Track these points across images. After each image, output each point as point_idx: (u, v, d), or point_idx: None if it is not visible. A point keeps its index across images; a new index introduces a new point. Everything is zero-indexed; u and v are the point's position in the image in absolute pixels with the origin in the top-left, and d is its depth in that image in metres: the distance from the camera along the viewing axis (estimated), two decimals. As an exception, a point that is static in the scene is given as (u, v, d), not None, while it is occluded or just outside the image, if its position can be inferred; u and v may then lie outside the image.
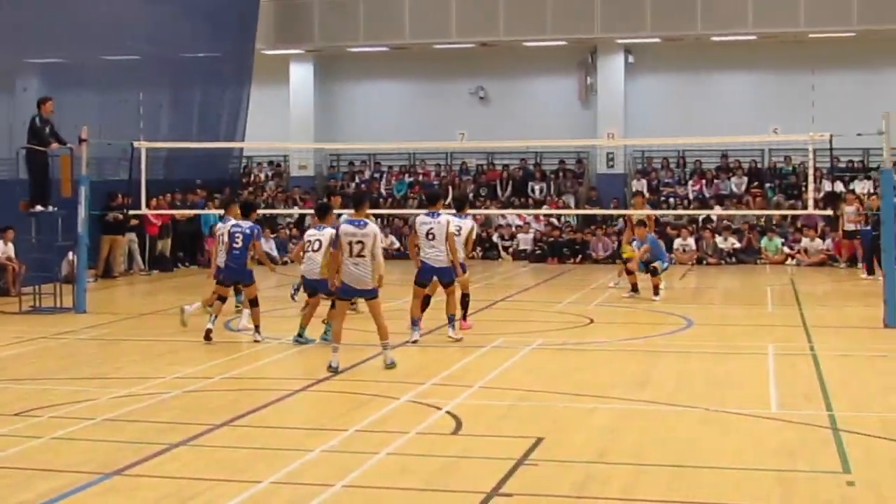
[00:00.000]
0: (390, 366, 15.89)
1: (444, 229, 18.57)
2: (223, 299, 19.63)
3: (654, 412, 13.21)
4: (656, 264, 24.68)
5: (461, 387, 14.69)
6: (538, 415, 13.10)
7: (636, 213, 26.05)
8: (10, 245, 26.83)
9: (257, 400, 13.91)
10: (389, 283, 18.15)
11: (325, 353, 16.47)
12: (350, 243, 15.74)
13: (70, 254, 26.46)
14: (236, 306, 21.89)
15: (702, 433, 12.14)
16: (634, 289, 25.13)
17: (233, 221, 19.54)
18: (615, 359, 17.42)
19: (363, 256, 15.76)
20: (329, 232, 18.13)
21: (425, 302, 19.47)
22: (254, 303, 19.27)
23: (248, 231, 19.06)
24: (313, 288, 18.79)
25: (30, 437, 11.97)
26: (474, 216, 23.46)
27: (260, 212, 29.02)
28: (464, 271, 19.63)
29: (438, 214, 18.85)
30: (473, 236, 20.20)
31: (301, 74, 45.14)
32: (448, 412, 13.09)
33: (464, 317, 20.11)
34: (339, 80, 45.45)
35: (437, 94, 44.35)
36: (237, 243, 19.02)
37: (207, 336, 18.58)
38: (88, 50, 32.86)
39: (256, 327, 19.09)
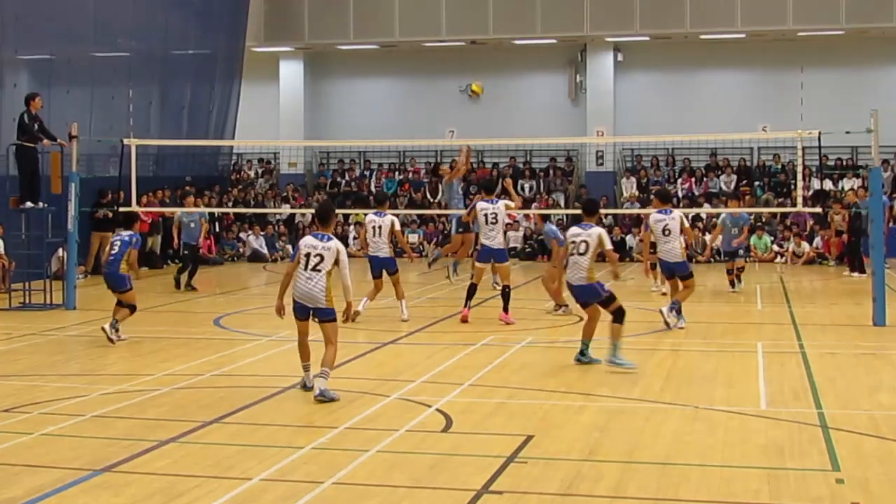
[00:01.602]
0: (320, 399, 13.72)
1: (502, 213, 20.82)
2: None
3: (643, 410, 13.24)
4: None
5: (451, 384, 14.71)
6: (528, 412, 13.11)
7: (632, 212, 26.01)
8: (0, 241, 26.82)
9: (247, 397, 13.92)
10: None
11: (317, 350, 16.50)
12: (308, 255, 14.33)
13: (60, 250, 26.50)
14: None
15: (691, 431, 12.16)
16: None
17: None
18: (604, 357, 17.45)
19: (318, 271, 14.20)
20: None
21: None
22: (132, 309, 19.04)
23: (126, 238, 19.04)
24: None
25: (19, 433, 11.97)
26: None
27: (249, 210, 29.28)
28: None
29: (496, 201, 21.02)
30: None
31: (291, 72, 45.15)
32: (438, 410, 13.11)
33: (505, 309, 20.92)
34: (329, 77, 45.48)
35: (427, 91, 44.41)
36: (114, 250, 18.98)
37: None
38: (78, 46, 32.83)
39: (115, 321, 18.61)
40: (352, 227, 39.36)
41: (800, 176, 25.37)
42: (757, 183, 40.34)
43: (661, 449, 11.39)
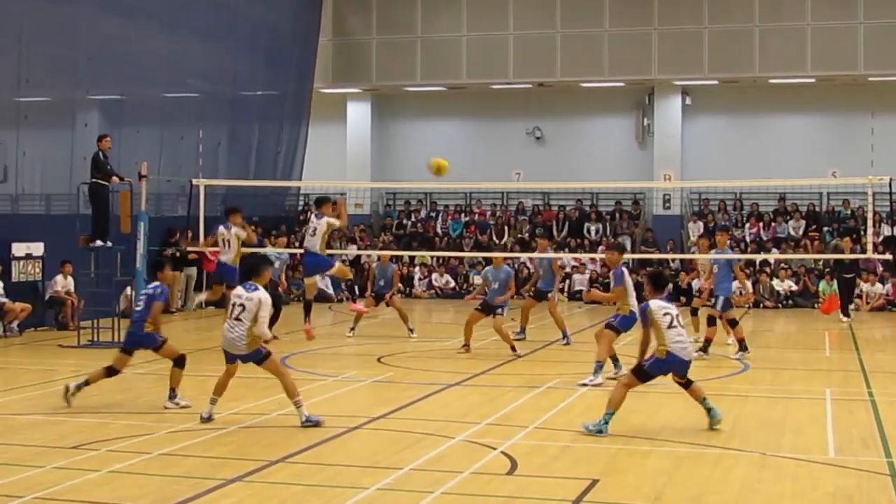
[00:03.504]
0: (307, 423, 14.42)
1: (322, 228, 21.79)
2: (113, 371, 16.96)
3: (710, 456, 13.13)
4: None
5: (516, 427, 14.66)
6: (593, 456, 13.04)
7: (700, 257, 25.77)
8: (70, 279, 27.10)
9: (313, 436, 13.93)
10: (443, 323, 18.14)
11: (382, 390, 16.55)
12: (234, 304, 14.55)
13: (128, 289, 26.66)
14: None
15: (759, 478, 12.05)
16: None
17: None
18: (671, 402, 17.30)
19: (240, 321, 14.47)
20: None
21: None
22: (180, 361, 16.78)
23: (150, 292, 16.81)
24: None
25: (86, 470, 12.04)
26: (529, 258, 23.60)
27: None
28: None
29: (322, 216, 21.82)
30: None
31: (358, 113, 45.38)
32: (503, 452, 13.07)
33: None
34: (396, 118, 45.66)
35: (494, 133, 44.47)
36: (139, 307, 16.99)
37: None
38: (149, 87, 33.22)
39: (172, 390, 16.58)
40: (417, 268, 39.42)
41: (870, 222, 25.17)
42: (826, 228, 40.03)
43: (729, 496, 11.29)
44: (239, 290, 14.72)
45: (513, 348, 22.28)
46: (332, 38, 43.18)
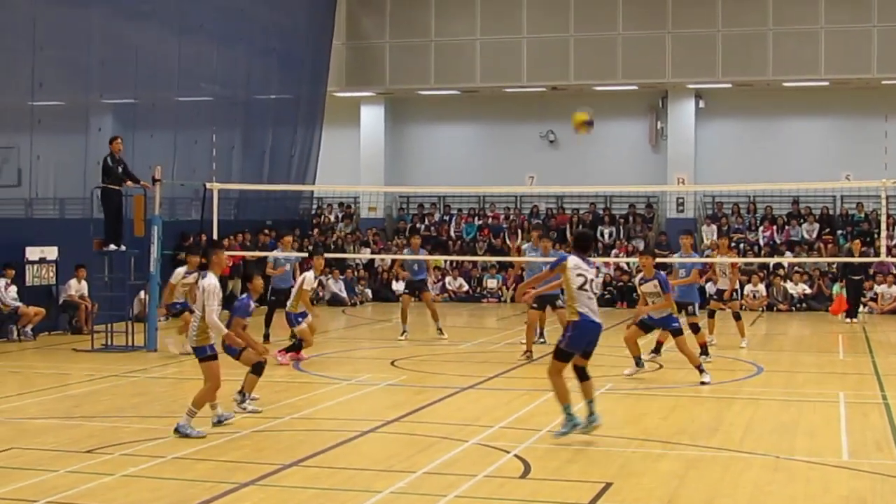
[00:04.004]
0: (175, 431, 14.02)
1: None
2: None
3: (722, 459, 13.12)
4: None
5: (529, 430, 14.66)
6: (606, 460, 13.04)
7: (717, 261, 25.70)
8: (84, 283, 27.18)
9: (326, 440, 13.94)
10: (457, 326, 18.13)
11: (397, 394, 16.56)
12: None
13: (142, 293, 26.71)
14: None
15: (771, 481, 12.03)
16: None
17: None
18: (684, 404, 17.31)
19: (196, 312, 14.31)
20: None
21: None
22: (258, 368, 16.34)
23: (235, 305, 16.95)
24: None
25: (100, 474, 12.06)
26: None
27: (329, 255, 28.85)
28: None
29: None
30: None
31: (372, 116, 45.40)
32: (516, 455, 13.06)
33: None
34: (410, 122, 45.68)
35: (507, 137, 44.44)
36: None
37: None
38: (162, 91, 33.28)
39: (245, 392, 16.33)
40: (430, 271, 39.46)
41: (883, 225, 25.13)
42: (840, 231, 39.96)
43: (741, 499, 11.28)
44: (188, 278, 14.36)
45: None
46: (345, 42, 43.22)
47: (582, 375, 14.31)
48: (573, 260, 14.06)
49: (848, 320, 31.25)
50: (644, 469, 12.61)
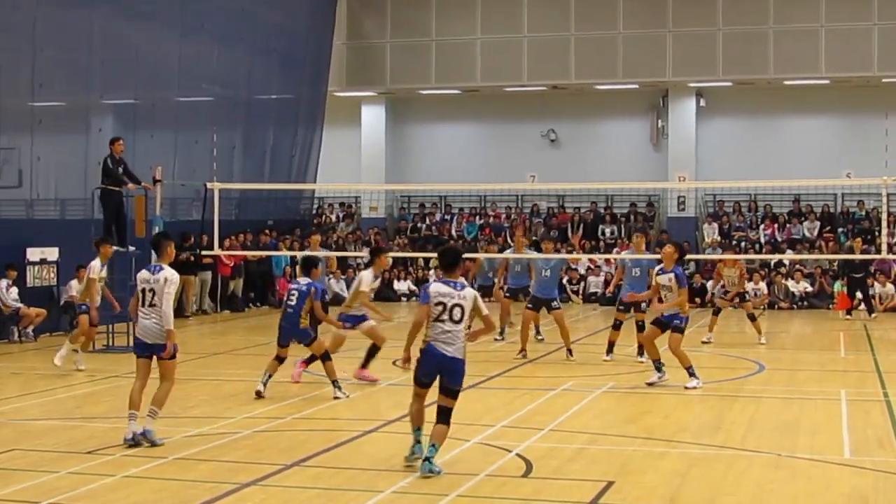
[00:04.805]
0: (141, 437, 13.63)
1: None
2: (280, 360, 17.78)
3: (724, 457, 13.11)
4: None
5: (531, 429, 14.66)
6: (608, 458, 13.03)
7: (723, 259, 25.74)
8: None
9: (328, 440, 13.95)
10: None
11: (396, 395, 16.53)
12: (143, 290, 13.89)
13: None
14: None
15: (773, 479, 12.03)
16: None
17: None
18: (686, 403, 17.31)
19: (154, 306, 13.78)
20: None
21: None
22: (324, 357, 17.61)
23: (303, 289, 17.69)
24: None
25: (102, 474, 12.06)
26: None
27: (331, 254, 28.70)
28: None
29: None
30: None
31: (373, 116, 45.38)
32: (518, 454, 13.07)
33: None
34: (411, 121, 45.66)
35: (508, 136, 44.40)
36: (291, 301, 17.68)
37: (258, 394, 17.25)
38: (163, 91, 33.27)
39: (334, 382, 17.41)
40: (431, 271, 39.42)
41: (884, 223, 25.10)
42: (840, 229, 39.93)
43: (743, 496, 11.28)
44: (144, 273, 14.08)
45: (569, 351, 22.27)
46: (346, 42, 43.20)
47: (441, 417, 12.48)
48: (434, 289, 12.65)
49: (843, 316, 31.29)
50: (646, 467, 12.61)
